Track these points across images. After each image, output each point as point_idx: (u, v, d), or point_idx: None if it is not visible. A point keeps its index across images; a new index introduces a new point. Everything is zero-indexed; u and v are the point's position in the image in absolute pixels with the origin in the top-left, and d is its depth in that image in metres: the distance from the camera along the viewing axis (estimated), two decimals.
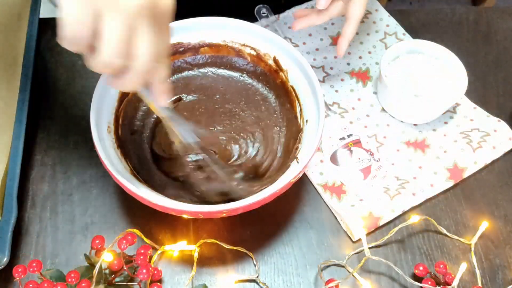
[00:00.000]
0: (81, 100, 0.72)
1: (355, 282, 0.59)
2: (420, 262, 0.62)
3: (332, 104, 0.73)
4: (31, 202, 0.64)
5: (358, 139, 0.69)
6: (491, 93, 0.76)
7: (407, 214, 0.65)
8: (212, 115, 0.65)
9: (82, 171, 0.66)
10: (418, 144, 0.70)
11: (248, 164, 0.62)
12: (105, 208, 0.64)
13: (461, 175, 0.68)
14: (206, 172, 0.59)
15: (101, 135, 0.57)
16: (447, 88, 0.70)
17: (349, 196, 0.65)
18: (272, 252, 0.62)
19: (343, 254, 0.62)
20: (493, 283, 0.61)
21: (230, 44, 0.66)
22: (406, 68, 0.71)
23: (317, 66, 0.76)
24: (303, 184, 0.67)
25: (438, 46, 0.71)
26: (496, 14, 0.84)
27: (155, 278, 0.58)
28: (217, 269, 0.60)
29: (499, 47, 0.81)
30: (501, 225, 0.65)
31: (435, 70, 0.71)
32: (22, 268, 0.52)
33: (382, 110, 0.73)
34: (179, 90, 0.67)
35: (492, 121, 0.72)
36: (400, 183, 0.66)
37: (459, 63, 0.70)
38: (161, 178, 0.60)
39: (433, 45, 0.72)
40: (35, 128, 0.69)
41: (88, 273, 0.54)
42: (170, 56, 0.66)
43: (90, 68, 0.41)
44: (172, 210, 0.53)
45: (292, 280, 0.60)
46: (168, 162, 0.61)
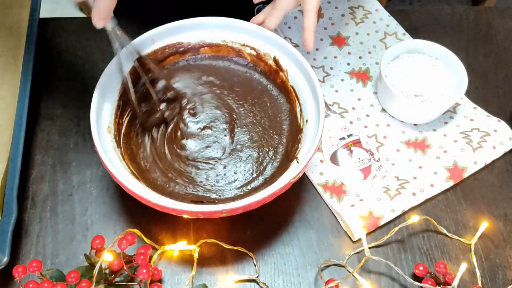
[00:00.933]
0: (81, 100, 0.72)
1: (355, 282, 0.59)
2: (420, 262, 0.62)
3: (332, 104, 0.73)
4: (31, 202, 0.64)
5: (358, 139, 0.69)
6: (491, 93, 0.76)
7: (407, 214, 0.65)
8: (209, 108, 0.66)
9: (82, 171, 0.66)
10: (418, 144, 0.70)
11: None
12: (105, 208, 0.64)
13: (461, 175, 0.68)
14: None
15: (101, 135, 0.57)
16: (447, 88, 0.70)
17: (349, 196, 0.65)
18: (272, 252, 0.62)
19: (343, 254, 0.62)
20: (493, 283, 0.61)
21: (230, 44, 0.66)
22: (406, 68, 0.71)
23: (317, 66, 0.76)
24: (303, 184, 0.67)
25: (438, 46, 0.71)
26: (496, 14, 0.84)
27: (155, 278, 0.58)
28: (217, 269, 0.60)
29: (499, 47, 0.81)
30: (501, 225, 0.65)
31: (435, 70, 0.71)
32: (22, 268, 0.52)
33: (382, 110, 0.73)
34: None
35: (492, 121, 0.72)
36: (400, 183, 0.66)
37: (459, 63, 0.70)
38: (161, 178, 0.60)
39: (433, 45, 0.72)
40: (35, 128, 0.69)
41: (88, 273, 0.54)
42: (170, 56, 0.67)
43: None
44: (172, 210, 0.53)
45: (292, 280, 0.60)
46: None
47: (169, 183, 0.60)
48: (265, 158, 0.62)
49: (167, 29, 0.64)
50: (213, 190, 0.60)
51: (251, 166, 0.62)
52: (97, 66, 0.76)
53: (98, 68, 0.76)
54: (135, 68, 0.62)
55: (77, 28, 0.79)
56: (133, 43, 0.61)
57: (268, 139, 0.64)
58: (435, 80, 0.70)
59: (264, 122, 0.65)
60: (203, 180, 0.61)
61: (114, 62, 0.60)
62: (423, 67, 0.71)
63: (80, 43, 0.78)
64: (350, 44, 0.79)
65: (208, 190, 0.60)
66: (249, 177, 0.61)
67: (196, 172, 0.61)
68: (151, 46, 0.64)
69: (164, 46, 0.65)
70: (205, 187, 0.60)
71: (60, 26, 0.79)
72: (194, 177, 0.61)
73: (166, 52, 0.66)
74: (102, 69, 0.60)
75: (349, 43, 0.79)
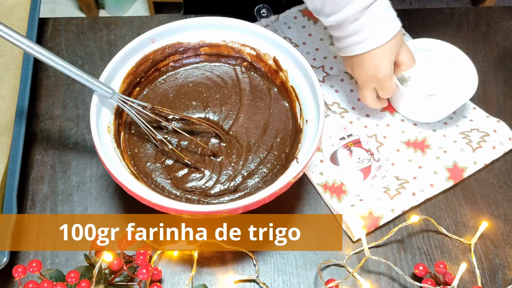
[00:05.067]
0: (81, 100, 0.72)
1: (355, 282, 0.59)
2: (420, 262, 0.62)
3: (332, 104, 0.73)
4: (31, 202, 0.64)
5: (358, 139, 0.69)
6: (491, 93, 0.76)
7: (407, 214, 0.65)
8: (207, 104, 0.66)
9: (82, 171, 0.66)
10: (418, 144, 0.70)
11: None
12: (105, 208, 0.64)
13: (461, 175, 0.68)
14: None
15: (101, 135, 0.57)
16: (457, 87, 0.69)
17: (349, 196, 0.65)
18: (272, 252, 0.62)
19: (343, 254, 0.62)
20: (493, 283, 0.61)
21: (230, 44, 0.66)
22: (417, 68, 0.71)
23: (317, 66, 0.76)
24: (303, 184, 0.67)
25: (447, 45, 0.71)
26: (496, 14, 0.84)
27: (155, 278, 0.58)
28: (217, 269, 0.60)
29: (499, 47, 0.81)
30: (501, 225, 0.65)
31: (445, 68, 0.71)
32: (22, 268, 0.52)
33: (382, 110, 0.73)
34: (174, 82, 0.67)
35: (492, 121, 0.72)
36: (400, 183, 0.66)
37: (468, 61, 0.69)
38: (161, 178, 0.60)
39: (439, 43, 0.71)
40: (35, 128, 0.69)
41: (88, 273, 0.54)
42: (170, 56, 0.67)
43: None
44: (172, 210, 0.53)
45: (292, 280, 0.60)
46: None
47: (169, 183, 0.60)
48: (265, 158, 0.62)
49: (167, 29, 0.64)
50: (213, 190, 0.60)
51: (251, 166, 0.62)
52: (97, 66, 0.76)
53: (98, 68, 0.76)
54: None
55: (77, 28, 0.79)
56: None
57: (268, 139, 0.64)
58: (444, 79, 0.70)
59: (264, 122, 0.65)
60: (202, 179, 0.61)
61: (112, 64, 0.60)
62: (434, 66, 0.71)
63: (80, 43, 0.78)
64: None
65: (208, 189, 0.60)
66: (249, 177, 0.61)
67: (196, 172, 0.61)
68: (151, 46, 0.64)
69: (164, 46, 0.65)
70: (205, 187, 0.60)
71: (60, 26, 0.79)
72: (194, 176, 0.61)
73: (166, 52, 0.66)
74: (102, 69, 0.60)
75: None
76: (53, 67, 0.55)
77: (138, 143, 0.62)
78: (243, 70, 0.68)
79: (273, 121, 0.65)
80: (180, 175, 0.61)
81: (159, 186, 0.60)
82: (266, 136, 0.64)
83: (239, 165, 0.62)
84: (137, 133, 0.63)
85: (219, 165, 0.62)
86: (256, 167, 0.62)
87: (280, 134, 0.64)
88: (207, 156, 0.62)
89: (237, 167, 0.62)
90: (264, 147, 0.63)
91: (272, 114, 0.66)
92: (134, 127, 0.63)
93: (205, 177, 0.61)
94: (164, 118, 0.62)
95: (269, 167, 0.62)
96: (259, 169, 0.62)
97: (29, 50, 0.53)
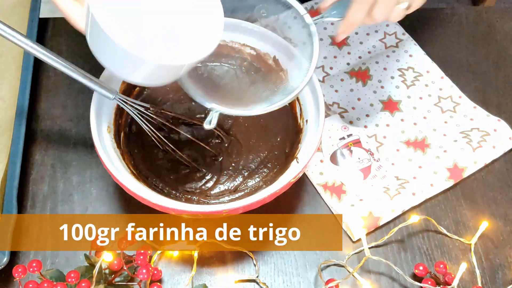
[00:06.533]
0: (81, 100, 0.72)
1: (355, 282, 0.59)
2: (420, 262, 0.62)
3: (332, 104, 0.73)
4: (31, 202, 0.64)
5: (358, 139, 0.69)
6: (491, 93, 0.76)
7: (407, 214, 0.65)
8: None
9: (82, 171, 0.66)
10: (418, 143, 0.70)
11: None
12: (105, 208, 0.64)
13: (461, 175, 0.68)
14: None
15: (101, 135, 0.57)
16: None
17: (349, 196, 0.65)
18: (272, 252, 0.62)
19: (343, 254, 0.62)
20: (493, 283, 0.61)
21: (230, 44, 0.66)
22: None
23: (317, 66, 0.76)
24: (303, 184, 0.67)
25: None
26: (496, 14, 0.84)
27: (155, 278, 0.58)
28: (217, 269, 0.60)
29: (499, 47, 0.81)
30: (501, 225, 0.65)
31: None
32: (22, 268, 0.52)
33: (382, 110, 0.73)
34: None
35: (492, 120, 0.72)
36: (400, 183, 0.66)
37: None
38: (161, 178, 0.60)
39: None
40: (35, 128, 0.69)
41: (88, 273, 0.54)
42: None
43: None
44: (172, 210, 0.53)
45: (292, 280, 0.60)
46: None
47: (169, 183, 0.60)
48: (265, 158, 0.62)
49: None
50: (213, 190, 0.60)
51: (251, 166, 0.62)
52: (97, 66, 0.76)
53: (98, 68, 0.76)
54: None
55: None
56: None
57: (268, 139, 0.64)
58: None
59: (264, 121, 0.65)
60: (202, 179, 0.61)
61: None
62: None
63: (80, 43, 0.78)
64: (350, 44, 0.79)
65: (208, 190, 0.60)
66: (249, 177, 0.61)
67: (196, 172, 0.61)
68: None
69: None
70: (205, 187, 0.60)
71: (60, 26, 0.79)
72: (194, 177, 0.61)
73: None
74: (102, 69, 0.59)
75: (349, 43, 0.79)
76: (58, 68, 0.54)
77: (138, 143, 0.62)
78: (243, 70, 0.68)
79: (273, 121, 0.65)
80: (180, 175, 0.61)
81: (159, 186, 0.60)
82: (266, 136, 0.64)
83: (239, 165, 0.62)
84: (138, 133, 0.63)
85: (219, 165, 0.62)
86: (256, 167, 0.62)
87: (280, 134, 0.64)
88: (207, 157, 0.62)
89: (237, 167, 0.62)
90: (264, 147, 0.63)
91: (272, 114, 0.65)
92: (135, 127, 0.63)
93: (205, 177, 0.61)
94: (165, 118, 0.62)
95: (269, 167, 0.62)
96: (259, 169, 0.62)
97: (33, 51, 0.53)
